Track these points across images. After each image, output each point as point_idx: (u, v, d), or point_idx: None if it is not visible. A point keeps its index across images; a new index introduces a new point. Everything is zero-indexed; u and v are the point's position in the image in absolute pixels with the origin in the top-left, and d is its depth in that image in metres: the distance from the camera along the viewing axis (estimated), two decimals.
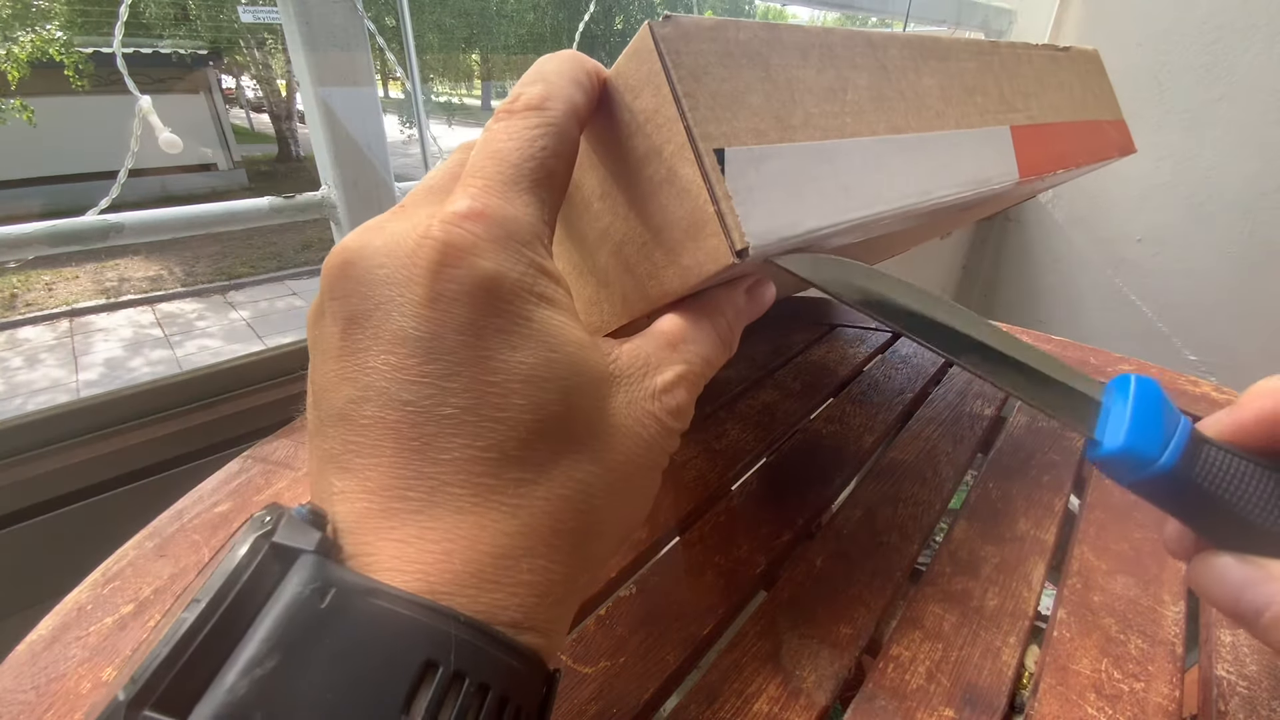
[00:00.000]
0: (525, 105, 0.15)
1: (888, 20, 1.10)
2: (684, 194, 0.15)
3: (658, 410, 0.16)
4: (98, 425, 0.45)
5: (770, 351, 0.50)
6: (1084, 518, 0.33)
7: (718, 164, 0.15)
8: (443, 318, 0.13)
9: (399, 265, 0.13)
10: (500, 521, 0.13)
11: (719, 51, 0.15)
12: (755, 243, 0.15)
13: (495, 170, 0.14)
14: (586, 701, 0.23)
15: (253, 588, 0.11)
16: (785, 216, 0.16)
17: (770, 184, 0.15)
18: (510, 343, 0.13)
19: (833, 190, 0.17)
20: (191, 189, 7.13)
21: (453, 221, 0.13)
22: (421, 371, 0.13)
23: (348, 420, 0.13)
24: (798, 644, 0.26)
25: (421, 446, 0.12)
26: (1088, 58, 0.33)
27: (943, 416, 0.41)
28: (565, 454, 0.14)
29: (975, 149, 0.23)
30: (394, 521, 0.12)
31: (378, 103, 0.54)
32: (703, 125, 0.15)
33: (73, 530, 0.44)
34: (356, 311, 0.13)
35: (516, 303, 0.13)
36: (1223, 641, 0.26)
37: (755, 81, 0.16)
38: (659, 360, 0.16)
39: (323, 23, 0.47)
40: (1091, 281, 1.23)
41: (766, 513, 0.33)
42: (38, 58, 5.55)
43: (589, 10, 0.74)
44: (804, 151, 0.16)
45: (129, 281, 5.33)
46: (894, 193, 0.19)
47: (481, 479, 0.13)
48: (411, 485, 0.12)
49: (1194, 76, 1.00)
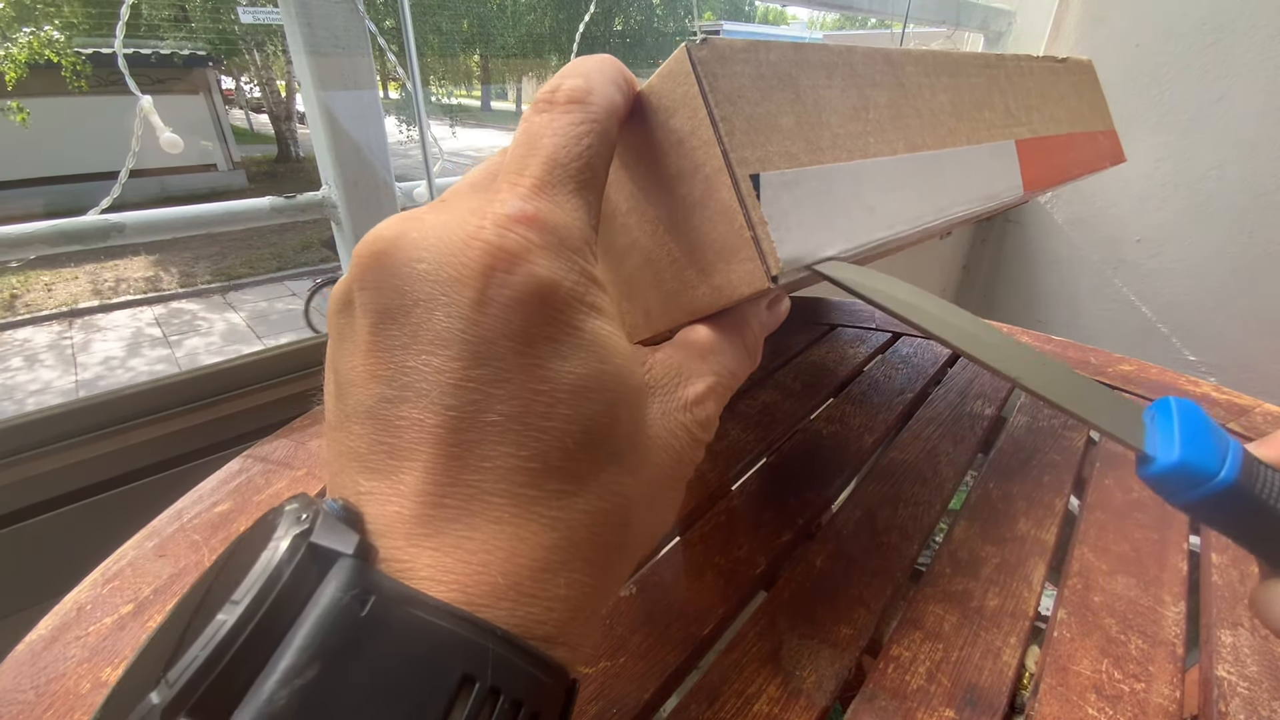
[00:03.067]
0: (568, 98, 0.14)
1: (887, 21, 1.10)
2: (719, 217, 0.15)
3: (689, 421, 0.15)
4: (98, 425, 0.45)
5: (770, 351, 0.50)
6: (1084, 518, 0.33)
7: (753, 189, 0.15)
8: (493, 323, 0.12)
9: (443, 263, 0.13)
10: (539, 534, 0.12)
11: (752, 74, 0.15)
12: (788, 268, 0.15)
13: (542, 169, 0.14)
14: (586, 701, 0.23)
15: (291, 591, 0.10)
16: (816, 239, 0.16)
17: (801, 207, 0.16)
18: (560, 352, 0.13)
19: (859, 211, 0.17)
20: (191, 189, 7.13)
21: (505, 225, 0.13)
22: (467, 376, 0.12)
23: (378, 419, 0.13)
24: (798, 644, 0.26)
25: (462, 453, 0.12)
26: (1083, 68, 0.33)
27: (943, 416, 0.41)
28: (606, 466, 0.13)
29: (984, 164, 0.23)
30: (429, 529, 0.12)
31: (379, 104, 0.54)
32: (739, 150, 0.15)
33: (73, 530, 0.44)
34: (392, 306, 0.13)
35: (568, 312, 0.13)
36: (1223, 642, 0.26)
37: (786, 104, 0.16)
38: (690, 371, 0.16)
39: (324, 24, 0.47)
40: (1091, 281, 1.23)
41: (766, 513, 0.33)
42: (35, 59, 5.55)
43: (589, 11, 0.74)
44: (832, 173, 0.17)
45: (128, 282, 5.33)
46: (913, 211, 0.19)
47: (523, 489, 0.12)
48: (449, 492, 0.12)
49: (1194, 76, 1.00)
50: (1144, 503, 0.34)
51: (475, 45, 8.95)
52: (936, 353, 0.50)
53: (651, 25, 12.66)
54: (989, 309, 1.41)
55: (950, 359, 0.49)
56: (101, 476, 0.44)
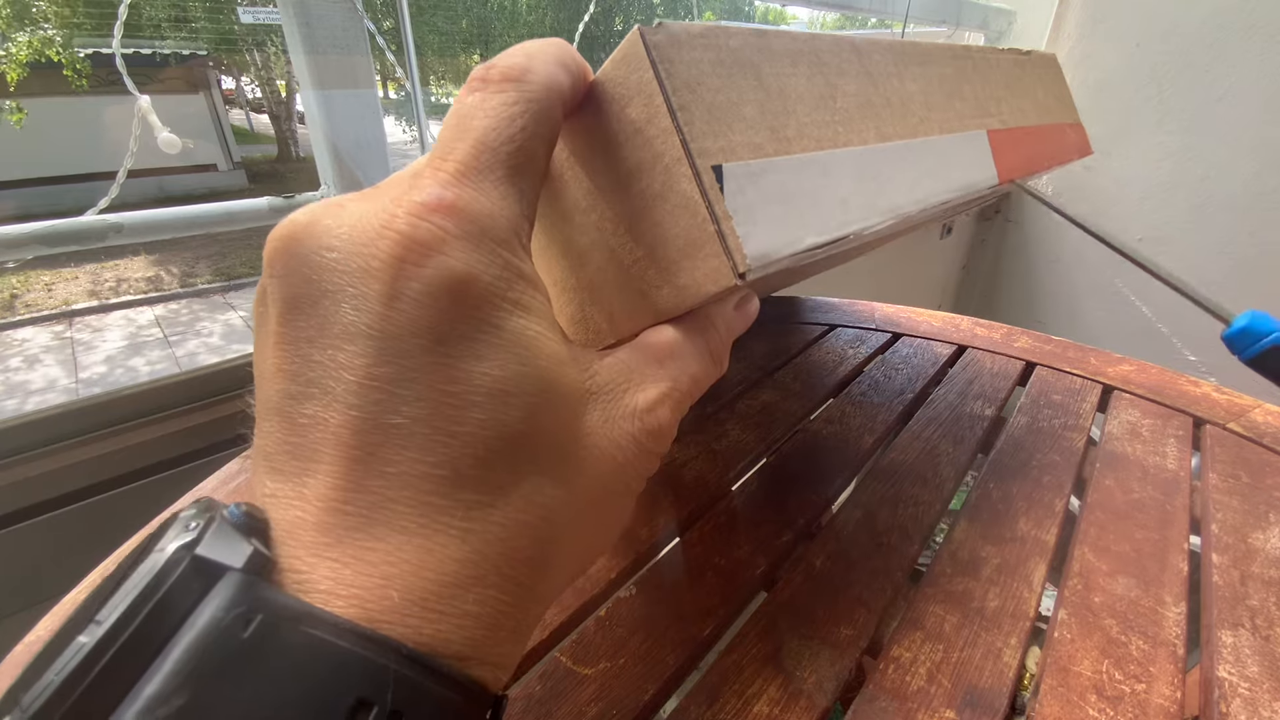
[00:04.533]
0: (502, 75, 0.13)
1: (887, 21, 1.10)
2: (680, 211, 0.14)
3: (636, 430, 0.14)
4: (98, 425, 0.45)
5: (770, 351, 0.50)
6: (1085, 518, 0.33)
7: (716, 181, 0.14)
8: (401, 318, 0.11)
9: (353, 252, 0.12)
10: (448, 546, 0.11)
11: (712, 60, 0.15)
12: (756, 264, 0.14)
13: (468, 153, 0.13)
14: (586, 703, 0.23)
15: (166, 609, 0.09)
16: (785, 234, 0.15)
17: (769, 200, 0.15)
18: (475, 351, 0.12)
19: (830, 203, 0.16)
20: (191, 189, 7.14)
21: (419, 214, 0.12)
22: (371, 374, 0.11)
23: (283, 416, 0.12)
24: (798, 645, 0.26)
25: (364, 456, 0.11)
26: (1047, 62, 0.33)
27: (943, 417, 0.41)
28: (527, 476, 0.12)
29: (958, 153, 0.23)
30: (329, 537, 0.11)
31: (378, 103, 0.54)
32: (699, 140, 0.14)
33: (73, 530, 0.44)
34: (298, 295, 0.12)
35: (486, 308, 0.12)
36: (1224, 643, 0.26)
37: (749, 91, 0.15)
38: (643, 376, 0.15)
39: (323, 24, 0.47)
40: (1091, 281, 1.23)
41: (766, 513, 0.33)
42: (35, 58, 5.55)
43: (589, 11, 0.74)
44: (800, 164, 0.16)
45: (128, 282, 5.33)
46: (887, 200, 0.18)
47: (430, 497, 0.11)
48: (352, 499, 0.11)
49: (1194, 76, 1.00)
50: (1144, 503, 0.34)
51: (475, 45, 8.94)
52: (936, 353, 0.50)
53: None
54: (989, 309, 1.41)
55: (950, 359, 0.49)
56: (101, 476, 0.44)
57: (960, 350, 0.50)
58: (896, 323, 0.55)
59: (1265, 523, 0.32)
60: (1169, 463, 0.37)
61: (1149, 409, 0.42)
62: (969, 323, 0.55)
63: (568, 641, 0.26)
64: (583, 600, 0.27)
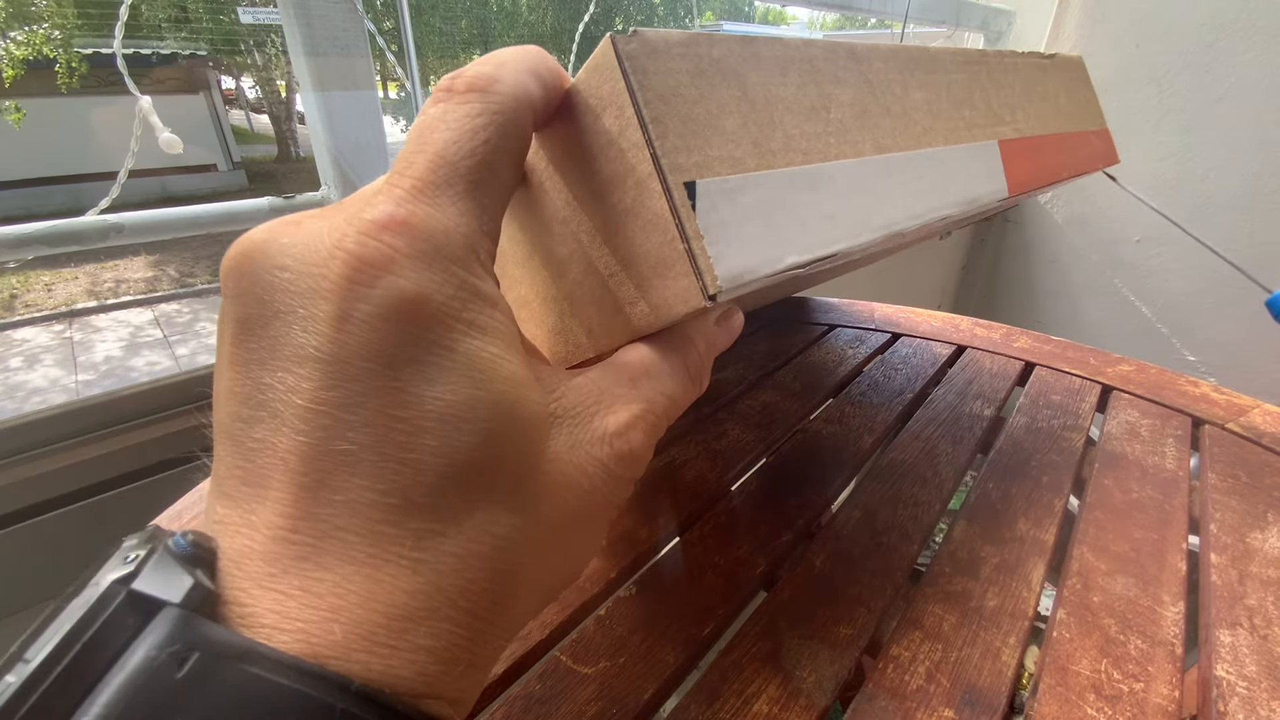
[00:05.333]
0: (467, 85, 0.13)
1: (887, 21, 1.10)
2: (651, 228, 0.14)
3: (605, 456, 0.14)
4: (98, 425, 0.45)
5: (770, 351, 0.50)
6: (1084, 518, 0.33)
7: (688, 199, 0.13)
8: (349, 341, 0.11)
9: (305, 272, 0.11)
10: (398, 576, 0.11)
11: (691, 69, 0.14)
12: (728, 285, 0.13)
13: (425, 168, 0.12)
14: (586, 702, 0.23)
15: (98, 647, 0.09)
16: (763, 252, 0.14)
17: (746, 217, 0.14)
18: (426, 375, 0.11)
19: (817, 220, 0.16)
20: (191, 190, 7.14)
21: (369, 232, 0.11)
22: (318, 398, 0.11)
23: (235, 440, 0.12)
24: (798, 644, 0.26)
25: (312, 484, 0.11)
26: (1072, 65, 0.32)
27: (943, 417, 0.41)
28: (482, 505, 0.12)
29: (964, 166, 0.22)
30: (275, 567, 0.10)
31: (378, 104, 0.54)
32: (672, 155, 0.13)
33: (73, 530, 0.44)
34: (251, 316, 0.12)
35: (438, 330, 0.12)
36: (1222, 642, 0.26)
37: (731, 102, 0.15)
38: (614, 397, 0.14)
39: (323, 24, 0.47)
40: (1091, 281, 1.23)
41: (766, 513, 0.33)
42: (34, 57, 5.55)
43: (589, 11, 0.74)
44: (785, 179, 0.15)
45: (127, 282, 5.33)
46: (881, 217, 0.18)
47: (379, 526, 0.11)
48: (299, 527, 0.11)
49: (1194, 76, 1.00)
50: (1143, 503, 0.34)
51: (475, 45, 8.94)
52: (936, 353, 0.50)
53: (652, 25, 12.65)
54: (989, 309, 1.41)
55: (950, 359, 0.49)
56: (102, 476, 0.44)
57: (960, 350, 0.50)
58: (896, 323, 0.55)
59: (1264, 523, 0.32)
60: (1168, 463, 0.37)
61: (1148, 409, 0.42)
62: (968, 323, 0.55)
63: (568, 640, 0.26)
64: (583, 599, 0.27)
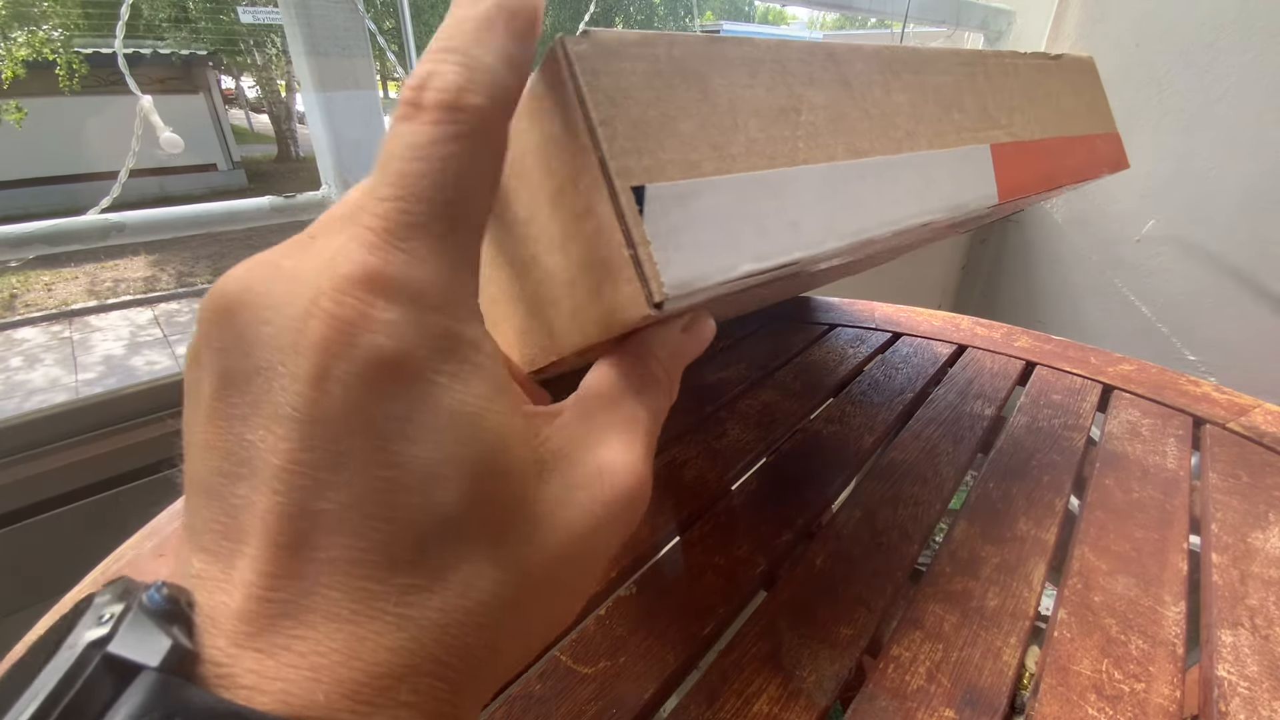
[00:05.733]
0: (436, 102, 0.12)
1: (887, 21, 1.10)
2: (600, 233, 0.14)
3: (605, 494, 0.13)
4: (98, 425, 0.45)
5: (770, 351, 0.50)
6: (1084, 518, 0.33)
7: (635, 203, 0.13)
8: (327, 402, 0.11)
9: (285, 328, 0.11)
10: (382, 634, 0.11)
11: (646, 71, 0.14)
12: (675, 292, 0.13)
13: (396, 208, 0.12)
14: (586, 702, 0.23)
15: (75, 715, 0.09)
16: (717, 260, 0.14)
17: (700, 223, 0.14)
18: (408, 434, 0.11)
19: (777, 227, 0.15)
20: (191, 189, 7.14)
21: (344, 290, 0.11)
22: (296, 459, 0.11)
23: (214, 494, 0.11)
24: (798, 644, 0.26)
25: (293, 542, 0.11)
26: (1082, 66, 0.31)
27: (943, 416, 0.41)
28: (468, 559, 0.12)
29: (949, 170, 0.21)
30: (254, 625, 0.10)
31: (379, 103, 0.54)
32: (620, 159, 0.13)
33: (73, 530, 0.44)
34: (235, 371, 0.11)
35: (420, 386, 0.11)
36: (1224, 642, 0.26)
37: (689, 104, 0.14)
38: (602, 428, 0.14)
39: (324, 24, 0.47)
40: (1091, 281, 1.23)
41: (766, 513, 0.33)
42: (34, 58, 5.56)
43: (589, 11, 0.74)
44: (745, 184, 0.15)
45: (127, 282, 5.33)
46: (851, 225, 0.17)
47: (363, 583, 0.11)
48: (279, 585, 0.10)
49: (1194, 76, 1.00)
50: (1144, 503, 0.34)
51: None
52: (936, 353, 0.50)
53: (652, 25, 12.67)
54: (989, 309, 1.41)
55: (950, 359, 0.49)
56: (102, 476, 0.44)
57: (960, 350, 0.50)
58: (896, 322, 0.55)
59: (1265, 522, 0.32)
60: (1169, 462, 0.37)
61: (1149, 409, 0.42)
62: (969, 322, 0.55)
63: (568, 640, 0.26)
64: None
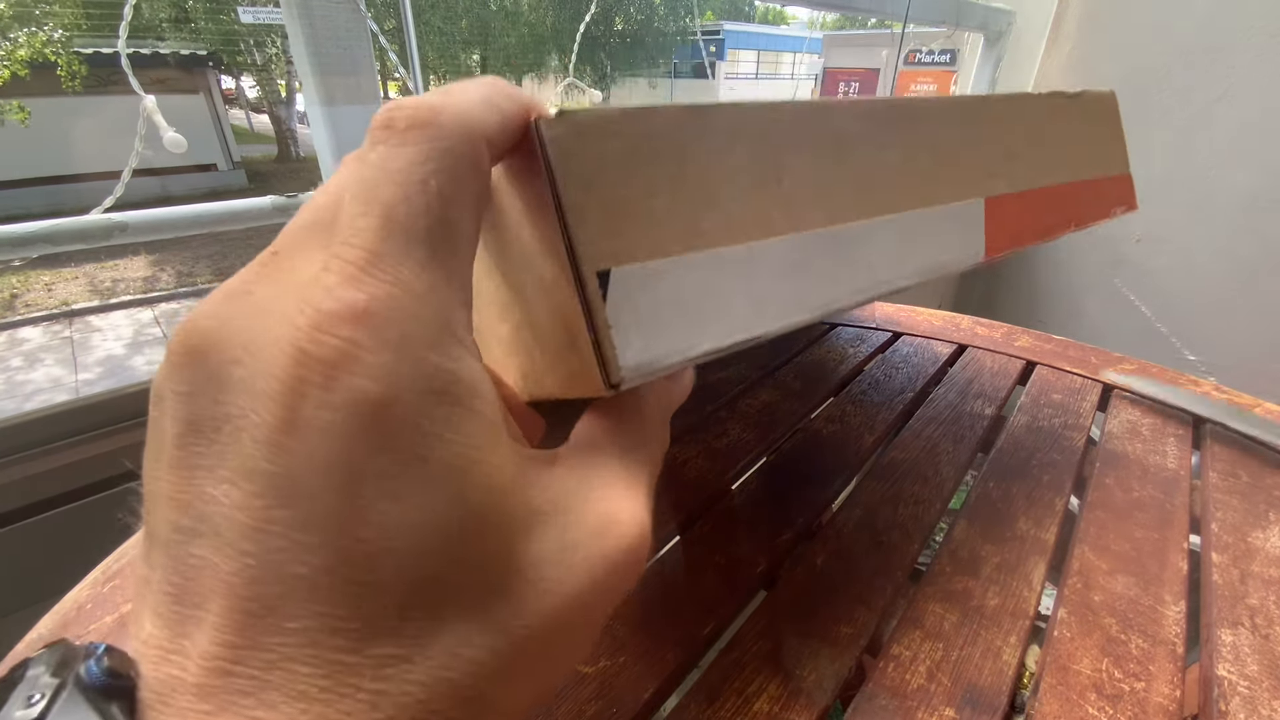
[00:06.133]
0: (409, 123, 0.11)
1: (887, 22, 1.10)
2: (564, 306, 0.13)
3: (609, 549, 0.12)
4: (98, 424, 0.45)
5: (770, 351, 0.50)
6: (1084, 517, 0.33)
7: (599, 288, 0.13)
8: (304, 451, 0.10)
9: (258, 370, 0.10)
10: (355, 713, 0.09)
11: (622, 150, 0.13)
12: (631, 376, 0.13)
13: (376, 235, 0.10)
14: (586, 701, 0.23)
15: None
16: (677, 341, 0.14)
17: (664, 305, 0.14)
18: (393, 490, 0.10)
19: (743, 304, 0.15)
20: (191, 189, 7.14)
21: (324, 326, 0.10)
22: (268, 517, 0.10)
23: (170, 553, 0.10)
24: (798, 643, 0.26)
25: (261, 610, 0.09)
26: (1102, 102, 0.30)
27: (943, 416, 0.41)
28: (453, 623, 0.10)
29: (935, 229, 0.20)
30: (210, 704, 0.09)
31: (380, 103, 0.54)
32: (587, 244, 0.13)
33: (73, 530, 0.44)
34: (201, 417, 0.10)
35: (408, 434, 0.10)
36: (1224, 641, 0.26)
37: (664, 180, 0.14)
38: (604, 480, 0.13)
39: (325, 23, 0.47)
40: (1091, 281, 1.23)
41: (767, 512, 0.33)
42: (35, 58, 5.56)
43: (590, 11, 0.74)
44: (714, 261, 0.15)
45: (127, 282, 5.33)
46: (819, 298, 0.17)
47: (336, 655, 0.09)
48: (242, 658, 0.09)
49: (1194, 76, 1.00)
50: (1144, 502, 0.34)
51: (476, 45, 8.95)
52: (936, 352, 0.50)
53: (652, 25, 12.65)
54: (990, 308, 1.41)
55: (950, 358, 0.49)
56: (102, 475, 0.44)
57: (960, 349, 0.50)
58: (897, 322, 0.55)
59: (1265, 522, 0.32)
60: (1169, 462, 0.37)
61: (1149, 408, 0.42)
62: (969, 322, 0.55)
63: None
64: None
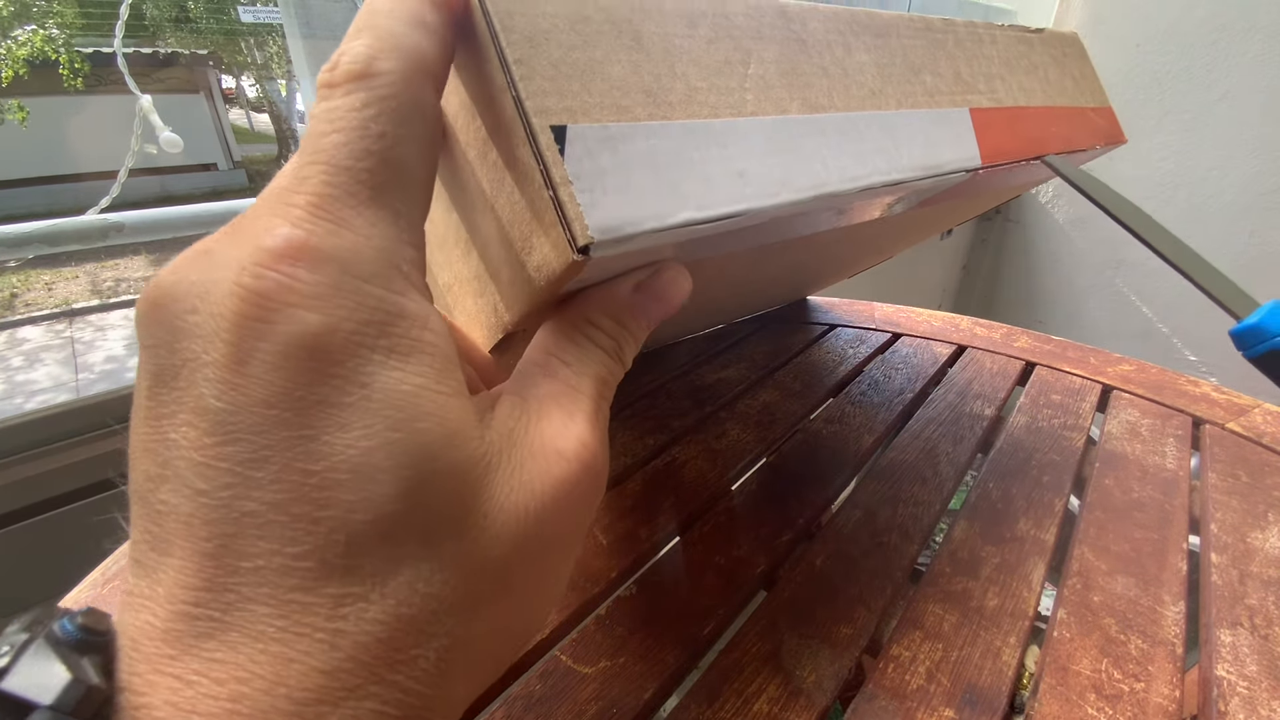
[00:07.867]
0: (346, 74, 0.11)
1: None
2: (523, 179, 0.13)
3: (559, 470, 0.12)
4: (98, 425, 0.45)
5: (770, 351, 0.50)
6: (1084, 518, 0.33)
7: (555, 143, 0.12)
8: (249, 386, 0.10)
9: (210, 313, 0.10)
10: (313, 653, 0.10)
11: (570, 15, 0.13)
12: (603, 236, 0.12)
13: (321, 180, 0.11)
14: (586, 702, 0.23)
15: None
16: (652, 206, 0.13)
17: (633, 167, 0.13)
18: (339, 419, 0.10)
19: (722, 175, 0.15)
20: (191, 188, 7.14)
21: (265, 263, 0.10)
22: (219, 454, 0.10)
23: (144, 503, 0.10)
24: (798, 644, 0.26)
25: (217, 550, 0.10)
26: (1065, 40, 0.30)
27: (943, 416, 0.41)
28: (409, 560, 0.10)
29: (924, 131, 0.20)
30: (175, 647, 0.09)
31: None
32: (537, 98, 0.12)
33: (73, 530, 0.44)
34: (163, 367, 0.11)
35: (351, 364, 0.10)
36: (1223, 641, 0.26)
37: (619, 50, 0.14)
38: (542, 401, 0.13)
39: (323, 22, 0.47)
40: (1091, 281, 1.23)
41: (766, 513, 0.33)
42: (36, 57, 5.56)
43: None
44: (685, 131, 0.14)
45: (127, 281, 5.33)
46: (808, 178, 0.16)
47: (292, 594, 0.10)
48: (203, 599, 0.09)
49: (1194, 76, 1.00)
50: (1144, 502, 0.34)
51: None
52: (936, 353, 0.50)
53: None
54: (990, 308, 1.41)
55: (950, 359, 0.49)
56: (102, 476, 0.44)
57: (960, 350, 0.50)
58: (896, 323, 0.55)
59: (1264, 522, 0.32)
60: (1168, 462, 0.37)
61: (1148, 409, 0.42)
62: (969, 322, 0.55)
63: (568, 640, 0.26)
64: (583, 599, 0.27)
